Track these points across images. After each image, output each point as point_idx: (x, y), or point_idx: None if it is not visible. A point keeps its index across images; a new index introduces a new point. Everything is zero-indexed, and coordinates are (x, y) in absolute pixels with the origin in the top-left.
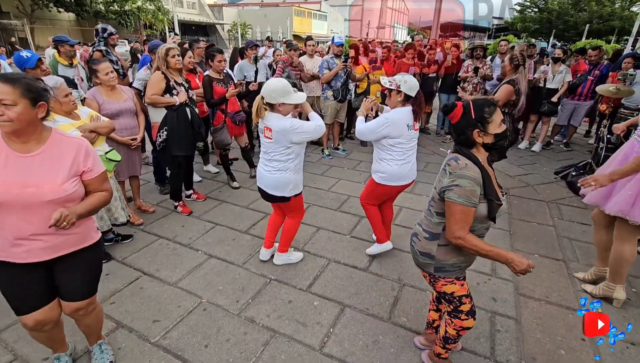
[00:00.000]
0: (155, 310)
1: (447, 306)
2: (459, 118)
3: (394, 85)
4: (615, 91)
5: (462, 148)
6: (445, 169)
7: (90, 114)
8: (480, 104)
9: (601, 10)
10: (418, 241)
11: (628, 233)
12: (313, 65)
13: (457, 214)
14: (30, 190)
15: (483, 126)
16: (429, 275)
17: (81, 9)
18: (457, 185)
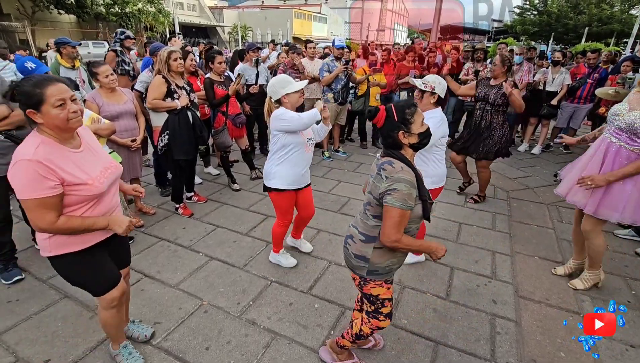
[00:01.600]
0: (157, 312)
1: (369, 306)
2: (383, 122)
3: (429, 86)
4: (615, 94)
5: (392, 150)
6: (381, 173)
7: (91, 116)
8: (401, 106)
9: (600, 13)
10: (353, 243)
11: (594, 227)
12: (313, 67)
13: (394, 218)
14: (110, 170)
15: (406, 127)
16: (360, 277)
17: (82, 11)
18: (395, 189)
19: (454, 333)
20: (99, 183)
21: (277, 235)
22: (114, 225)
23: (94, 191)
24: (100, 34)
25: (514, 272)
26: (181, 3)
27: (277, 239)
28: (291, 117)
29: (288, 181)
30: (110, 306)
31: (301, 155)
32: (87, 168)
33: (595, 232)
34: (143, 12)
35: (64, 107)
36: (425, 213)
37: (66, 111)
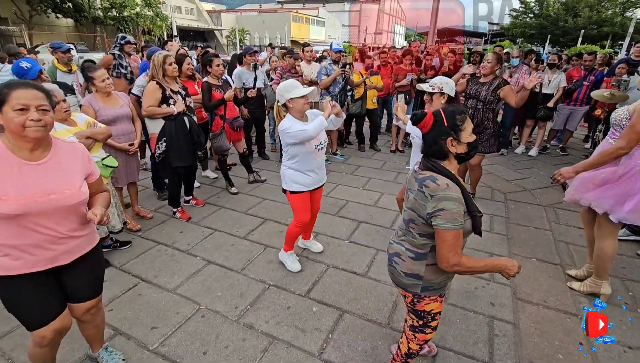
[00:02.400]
0: (154, 316)
1: (416, 321)
2: (430, 127)
3: (436, 88)
4: (610, 97)
5: (433, 163)
6: (424, 191)
7: (87, 120)
8: (451, 111)
9: (595, 16)
10: (402, 261)
11: (608, 229)
12: (311, 71)
13: (449, 241)
14: (54, 196)
15: (456, 134)
16: (414, 295)
17: (79, 15)
18: (443, 209)
19: (452, 335)
20: (14, 202)
21: (291, 234)
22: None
23: (2, 209)
24: (97, 38)
25: None
26: (179, 7)
27: (290, 238)
28: (296, 132)
29: (302, 184)
30: (39, 344)
31: (310, 161)
32: (21, 184)
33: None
34: (141, 16)
35: (24, 113)
36: (476, 229)
37: (24, 117)
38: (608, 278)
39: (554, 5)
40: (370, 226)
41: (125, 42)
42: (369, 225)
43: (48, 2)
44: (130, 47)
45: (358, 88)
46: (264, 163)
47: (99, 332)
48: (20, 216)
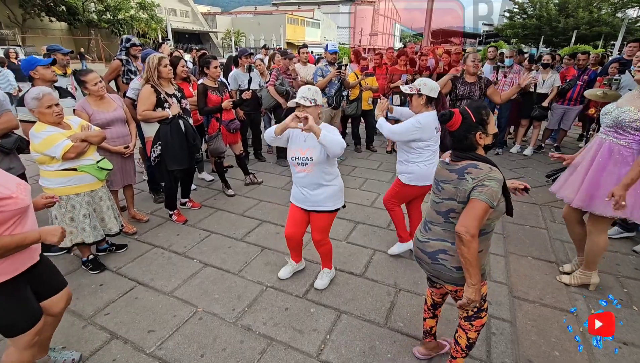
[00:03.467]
0: (151, 320)
1: (470, 310)
2: (459, 124)
3: (414, 90)
4: (603, 95)
5: (469, 153)
6: (466, 178)
7: (81, 123)
8: (476, 107)
9: (588, 16)
10: (450, 257)
11: (602, 226)
12: (307, 72)
13: (478, 211)
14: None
15: (484, 128)
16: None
17: (73, 18)
18: (484, 185)
19: (449, 334)
20: (23, 196)
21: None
22: (47, 235)
23: (20, 205)
24: (92, 41)
25: (508, 273)
26: (174, 9)
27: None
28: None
29: (293, 194)
30: (31, 344)
31: (294, 175)
32: (4, 182)
33: (596, 230)
34: (135, 19)
35: None
36: (509, 209)
37: None
38: (597, 269)
39: (547, 5)
40: (367, 226)
41: (131, 45)
42: (365, 226)
43: (42, 5)
44: (136, 50)
45: (353, 89)
46: (261, 164)
47: (54, 330)
48: (26, 209)
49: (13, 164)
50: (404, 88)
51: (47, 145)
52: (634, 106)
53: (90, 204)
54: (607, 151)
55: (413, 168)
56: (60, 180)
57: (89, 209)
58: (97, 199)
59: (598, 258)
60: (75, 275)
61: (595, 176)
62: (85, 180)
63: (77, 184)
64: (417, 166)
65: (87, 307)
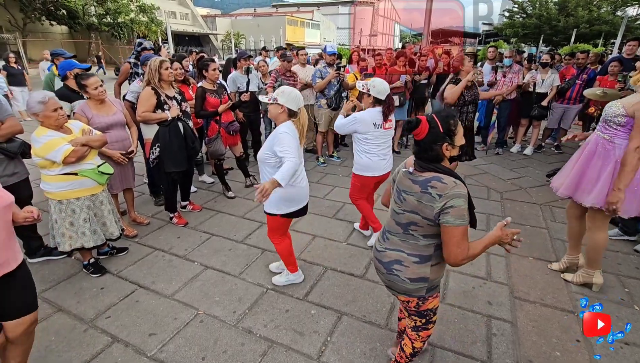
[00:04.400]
0: (152, 323)
1: (418, 321)
2: (426, 133)
3: (365, 88)
4: (602, 95)
5: (433, 164)
6: (429, 192)
7: (82, 127)
8: (444, 117)
9: (588, 15)
10: (405, 267)
11: (600, 222)
12: (306, 74)
13: (458, 237)
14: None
15: (451, 139)
16: (419, 298)
17: (74, 22)
18: (452, 206)
19: (450, 335)
20: None
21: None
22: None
23: None
24: (92, 45)
25: (509, 273)
26: (174, 12)
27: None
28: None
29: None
30: None
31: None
32: None
33: (594, 226)
34: (135, 22)
35: None
36: (473, 222)
37: None
38: (600, 268)
39: (547, 5)
40: None
41: (142, 49)
42: None
43: (42, 9)
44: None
45: (353, 90)
46: None
47: (26, 359)
48: None
49: (17, 169)
50: (358, 85)
51: (48, 149)
52: (620, 103)
53: (90, 208)
54: (594, 144)
55: (358, 159)
56: (60, 184)
57: (90, 213)
58: (98, 204)
59: (598, 256)
60: (77, 279)
61: (581, 167)
62: (86, 184)
63: (77, 189)
64: (360, 157)
65: (89, 311)
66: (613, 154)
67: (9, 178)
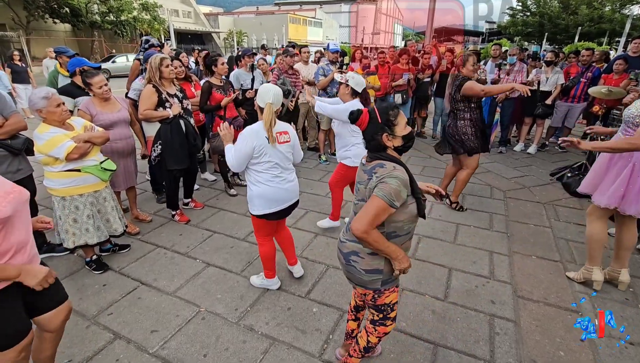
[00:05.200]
0: (154, 320)
1: (375, 315)
2: (366, 124)
3: (344, 80)
4: (607, 93)
5: (379, 153)
6: (372, 178)
7: (84, 124)
8: (384, 108)
9: (592, 13)
10: (360, 259)
11: (597, 215)
12: (308, 72)
13: (374, 209)
14: (12, 196)
15: (390, 130)
16: (374, 291)
17: (77, 19)
18: (384, 182)
19: (453, 334)
20: (6, 203)
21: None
22: (26, 276)
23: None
24: (95, 42)
25: (512, 272)
26: (176, 10)
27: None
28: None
29: None
30: (19, 358)
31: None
32: None
33: (593, 217)
34: (138, 20)
35: None
36: (420, 211)
37: None
38: (600, 264)
39: (551, 3)
40: None
41: (150, 46)
42: None
43: (45, 7)
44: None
45: None
46: None
47: (56, 349)
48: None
49: (22, 165)
50: (336, 76)
51: (50, 146)
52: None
53: (94, 204)
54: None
55: (354, 150)
56: (63, 181)
57: (93, 209)
58: (101, 200)
59: (594, 250)
60: (79, 275)
61: (600, 168)
62: (89, 181)
63: (80, 185)
64: (357, 148)
65: (91, 307)
66: (632, 155)
67: (13, 175)
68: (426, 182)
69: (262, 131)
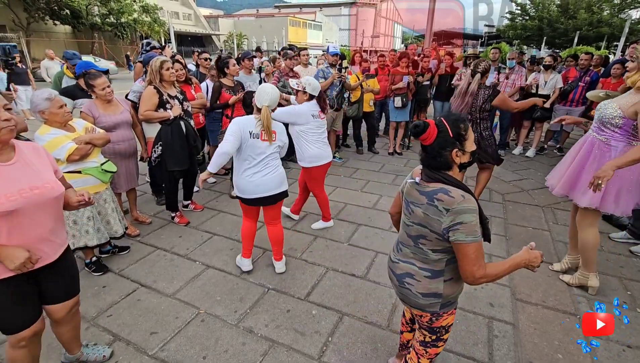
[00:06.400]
0: (153, 321)
1: (428, 337)
2: (434, 138)
3: (300, 86)
4: (605, 97)
5: (440, 173)
6: (436, 205)
7: (85, 126)
8: (454, 120)
9: (591, 17)
10: (417, 282)
11: (590, 220)
12: (307, 74)
13: (472, 254)
14: (37, 191)
15: (461, 145)
16: (432, 314)
17: (77, 21)
18: (462, 222)
19: (451, 337)
20: (6, 199)
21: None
22: (5, 259)
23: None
24: (95, 44)
25: (511, 275)
26: (176, 12)
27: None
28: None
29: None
30: (18, 345)
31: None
32: (2, 184)
33: (584, 224)
34: (138, 22)
35: None
36: (487, 236)
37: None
38: (596, 271)
39: (549, 7)
40: (369, 228)
41: (151, 48)
42: (367, 228)
43: (46, 9)
44: (156, 52)
45: (355, 91)
46: None
47: (77, 332)
48: (12, 214)
49: None
50: (292, 83)
51: (51, 147)
52: (615, 104)
53: (94, 206)
54: (589, 145)
55: (308, 151)
56: None
57: (93, 211)
58: (102, 202)
59: (590, 255)
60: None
61: (576, 168)
62: (90, 182)
63: (81, 187)
64: (309, 148)
65: (90, 309)
66: (609, 156)
67: None
68: None
69: (249, 126)
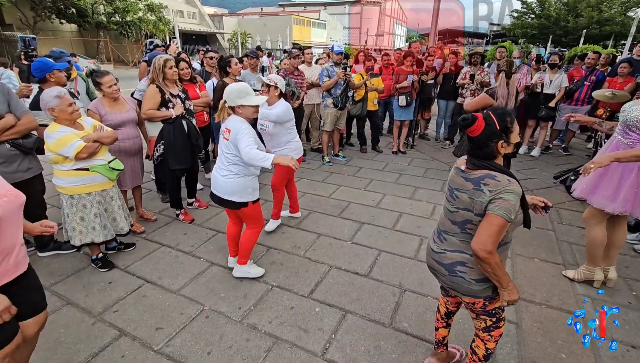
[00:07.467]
0: (158, 317)
1: (488, 321)
2: (481, 130)
3: (272, 82)
4: (611, 96)
5: (486, 161)
6: (482, 189)
7: (93, 124)
8: (501, 114)
9: (598, 15)
10: (470, 269)
11: (598, 219)
12: (312, 73)
13: (494, 226)
14: (6, 199)
15: (507, 136)
16: (485, 298)
17: (83, 20)
18: (502, 198)
19: (455, 335)
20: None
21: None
22: None
23: None
24: (101, 43)
25: (515, 274)
26: (181, 11)
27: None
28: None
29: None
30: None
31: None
32: None
33: (591, 223)
34: (144, 21)
35: None
36: (527, 222)
37: None
38: (601, 265)
39: (555, 5)
40: (373, 227)
41: (154, 47)
42: (371, 226)
43: (52, 7)
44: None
45: (359, 90)
46: None
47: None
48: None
49: (32, 164)
50: (265, 79)
51: (60, 145)
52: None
53: (101, 203)
54: (614, 148)
55: (292, 145)
56: (72, 179)
57: (100, 208)
58: (109, 199)
59: (596, 252)
60: (85, 273)
61: (600, 171)
62: (97, 180)
63: (88, 184)
64: (294, 143)
65: (96, 304)
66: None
67: (24, 174)
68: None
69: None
